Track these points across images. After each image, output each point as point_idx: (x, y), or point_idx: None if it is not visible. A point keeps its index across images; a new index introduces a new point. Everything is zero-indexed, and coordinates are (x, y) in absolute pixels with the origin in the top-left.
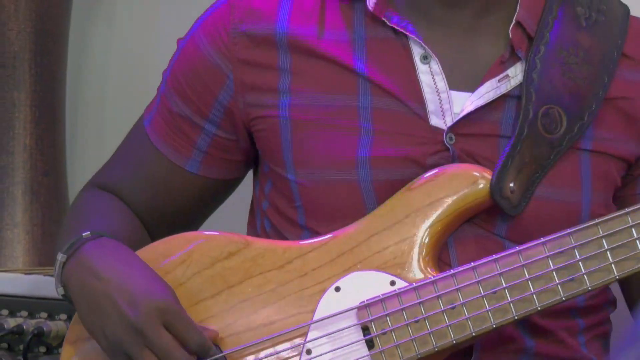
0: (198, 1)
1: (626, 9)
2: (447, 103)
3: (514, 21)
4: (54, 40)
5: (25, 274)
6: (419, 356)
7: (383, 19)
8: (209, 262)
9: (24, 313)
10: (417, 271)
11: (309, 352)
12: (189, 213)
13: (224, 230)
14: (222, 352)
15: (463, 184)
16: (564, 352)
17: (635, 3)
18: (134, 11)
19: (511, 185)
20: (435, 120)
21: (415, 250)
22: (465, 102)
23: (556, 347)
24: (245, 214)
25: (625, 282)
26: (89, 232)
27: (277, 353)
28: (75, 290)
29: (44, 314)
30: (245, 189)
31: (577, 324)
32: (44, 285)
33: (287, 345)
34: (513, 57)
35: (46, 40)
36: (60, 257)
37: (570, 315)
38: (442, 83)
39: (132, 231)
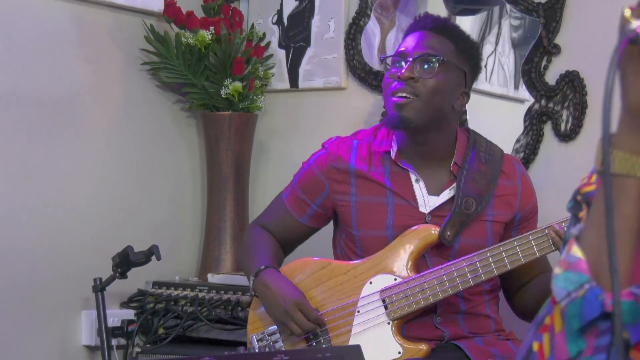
0: (303, 150)
1: (501, 151)
2: (428, 201)
3: (452, 162)
4: (243, 171)
5: (231, 274)
6: (408, 312)
7: (398, 162)
8: (312, 272)
9: (231, 292)
10: (405, 273)
11: (359, 312)
12: (298, 240)
13: (318, 248)
14: (319, 312)
15: (425, 233)
16: (478, 311)
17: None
18: (291, 154)
19: (448, 234)
20: (422, 209)
21: (405, 264)
22: (435, 201)
23: (474, 307)
24: (325, 242)
25: (504, 283)
26: (263, 266)
27: (345, 311)
28: (259, 294)
29: (239, 293)
30: (324, 231)
31: (485, 297)
32: (239, 280)
33: (349, 308)
34: (453, 177)
35: (239, 170)
36: (252, 279)
37: (482, 293)
38: (425, 192)
39: (279, 251)
